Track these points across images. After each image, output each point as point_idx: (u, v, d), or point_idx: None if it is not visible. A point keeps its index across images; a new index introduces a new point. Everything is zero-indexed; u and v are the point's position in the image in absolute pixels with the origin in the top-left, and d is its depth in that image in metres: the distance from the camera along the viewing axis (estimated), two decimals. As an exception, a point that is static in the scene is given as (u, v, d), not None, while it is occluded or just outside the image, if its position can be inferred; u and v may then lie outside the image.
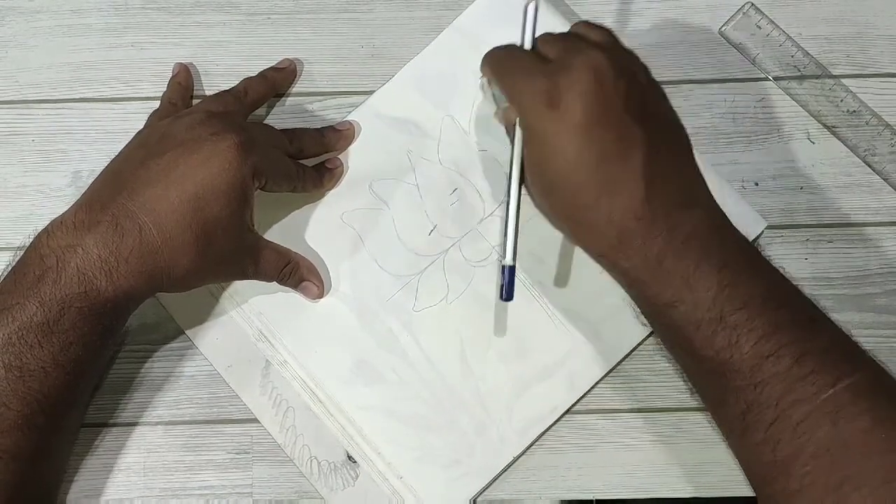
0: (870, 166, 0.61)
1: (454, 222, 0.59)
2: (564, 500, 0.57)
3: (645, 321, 0.56)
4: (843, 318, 0.59)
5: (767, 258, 0.50)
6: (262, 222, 0.58)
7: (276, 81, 0.60)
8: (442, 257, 0.59)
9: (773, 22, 0.62)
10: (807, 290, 0.58)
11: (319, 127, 0.60)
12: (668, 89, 0.61)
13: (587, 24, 0.52)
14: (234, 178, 0.50)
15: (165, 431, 0.58)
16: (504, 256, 0.53)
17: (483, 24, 0.61)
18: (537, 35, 0.52)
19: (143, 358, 0.58)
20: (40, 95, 0.62)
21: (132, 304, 0.51)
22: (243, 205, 0.52)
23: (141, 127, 0.59)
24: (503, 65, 0.51)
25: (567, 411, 0.57)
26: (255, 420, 0.57)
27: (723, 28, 0.63)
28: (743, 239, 0.49)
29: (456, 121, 0.61)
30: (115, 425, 0.57)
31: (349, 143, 0.60)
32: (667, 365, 0.58)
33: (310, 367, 0.58)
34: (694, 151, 0.50)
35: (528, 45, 0.52)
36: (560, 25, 0.61)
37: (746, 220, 0.58)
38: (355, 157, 0.60)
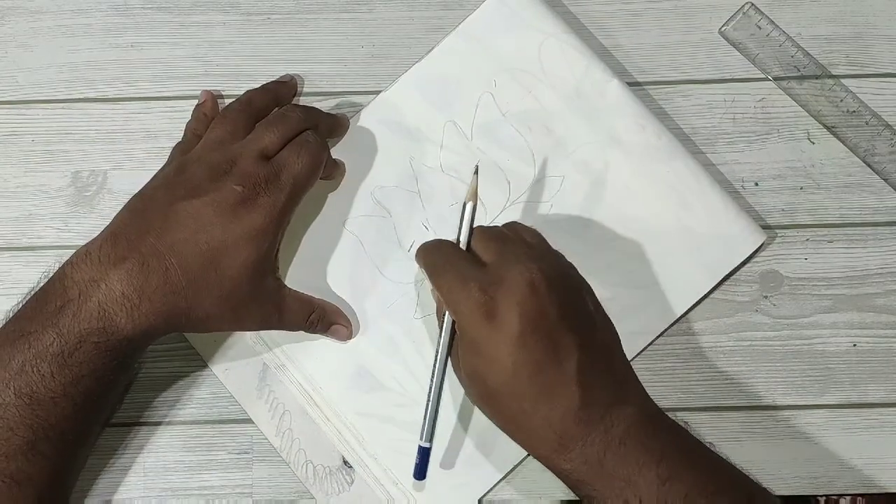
0: (870, 166, 0.61)
1: (455, 229, 0.59)
2: (564, 501, 0.57)
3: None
4: (843, 318, 0.59)
5: (700, 438, 0.51)
6: None
7: (279, 93, 0.60)
8: None
9: (773, 22, 0.62)
10: (806, 290, 0.59)
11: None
12: (668, 89, 0.62)
13: (518, 224, 0.53)
14: (264, 226, 0.51)
15: (165, 432, 0.58)
16: (422, 437, 0.53)
17: (487, 29, 0.61)
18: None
19: (142, 360, 0.58)
20: (40, 95, 0.62)
21: (149, 342, 0.52)
22: (271, 248, 0.53)
23: (136, 126, 0.60)
24: (438, 267, 0.51)
25: None
26: (249, 416, 0.57)
27: (723, 28, 0.63)
28: (675, 426, 0.50)
29: (458, 126, 0.60)
30: (115, 425, 0.57)
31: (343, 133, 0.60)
32: (670, 365, 0.58)
33: (309, 372, 0.57)
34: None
35: (463, 244, 0.52)
36: (554, 27, 0.61)
37: (745, 233, 0.58)
38: (358, 164, 0.60)
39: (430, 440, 0.52)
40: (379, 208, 0.59)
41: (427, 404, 0.52)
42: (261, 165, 0.52)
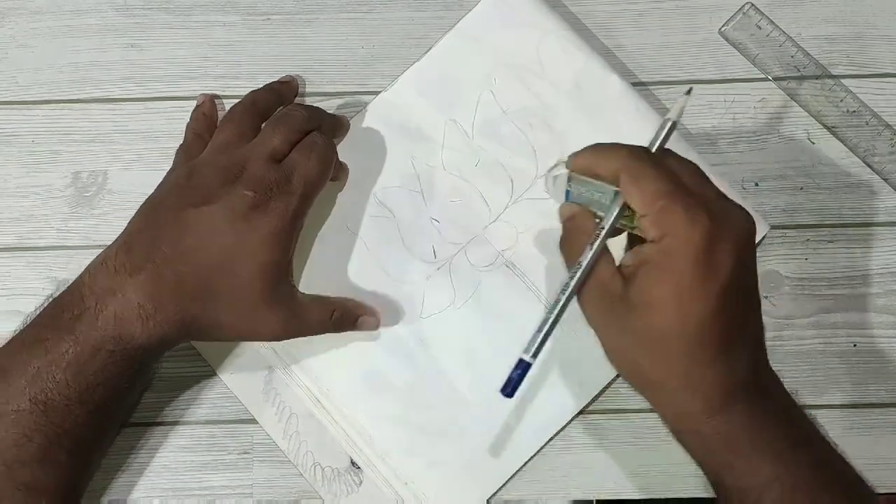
0: (870, 166, 0.61)
1: (459, 228, 0.59)
2: (573, 501, 0.57)
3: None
4: (843, 318, 0.59)
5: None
6: None
7: (282, 93, 0.60)
8: (448, 263, 0.59)
9: (773, 22, 0.62)
10: (806, 290, 0.59)
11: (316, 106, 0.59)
12: (668, 89, 0.62)
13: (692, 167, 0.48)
14: (277, 231, 0.51)
15: (166, 432, 0.58)
16: (528, 351, 0.47)
17: (485, 27, 0.61)
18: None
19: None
20: (40, 96, 0.62)
21: (164, 349, 0.52)
22: (285, 253, 0.52)
23: (137, 126, 0.61)
24: (654, 181, 0.45)
25: (578, 414, 0.57)
26: (257, 421, 0.57)
27: (723, 28, 0.63)
28: (802, 409, 0.50)
29: (459, 124, 0.60)
30: (115, 426, 0.58)
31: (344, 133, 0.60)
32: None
33: (317, 375, 0.57)
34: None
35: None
36: (553, 23, 0.61)
37: None
38: (359, 164, 0.60)
39: (535, 356, 0.47)
40: (382, 209, 0.59)
41: (548, 317, 0.46)
42: (271, 169, 0.52)
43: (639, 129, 0.59)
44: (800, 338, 0.59)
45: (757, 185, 0.61)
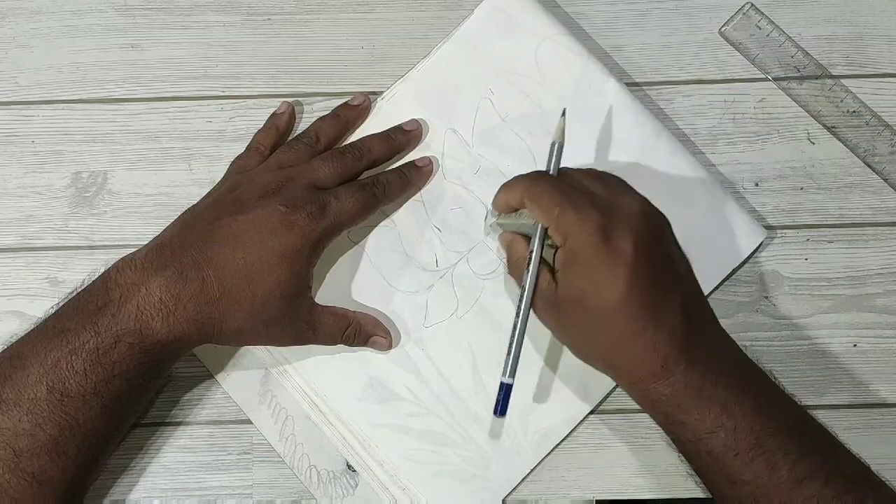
0: (870, 166, 0.61)
1: (460, 236, 0.59)
2: (573, 501, 0.57)
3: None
4: (843, 318, 0.59)
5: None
6: None
7: (350, 120, 0.60)
8: (450, 272, 0.59)
9: (773, 22, 0.62)
10: (806, 291, 0.59)
11: (385, 131, 0.59)
12: (668, 89, 0.62)
13: (596, 170, 0.54)
14: (300, 247, 0.52)
15: (165, 433, 0.58)
16: (504, 374, 0.52)
17: (483, 36, 0.61)
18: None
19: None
20: (40, 96, 0.62)
21: (181, 350, 0.52)
22: (305, 269, 0.53)
23: (137, 126, 0.61)
24: (546, 193, 0.51)
25: (582, 421, 0.57)
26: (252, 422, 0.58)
27: (723, 28, 0.63)
28: (758, 366, 0.53)
29: (458, 133, 0.60)
30: (115, 426, 0.57)
31: (419, 142, 0.60)
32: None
33: (316, 381, 0.57)
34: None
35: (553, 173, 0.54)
36: (550, 29, 0.61)
37: (745, 230, 0.58)
38: None
39: (513, 376, 0.52)
40: (383, 218, 0.59)
41: (511, 340, 0.52)
42: (309, 192, 0.53)
43: (636, 133, 0.60)
44: (800, 338, 0.59)
45: (757, 185, 0.61)
